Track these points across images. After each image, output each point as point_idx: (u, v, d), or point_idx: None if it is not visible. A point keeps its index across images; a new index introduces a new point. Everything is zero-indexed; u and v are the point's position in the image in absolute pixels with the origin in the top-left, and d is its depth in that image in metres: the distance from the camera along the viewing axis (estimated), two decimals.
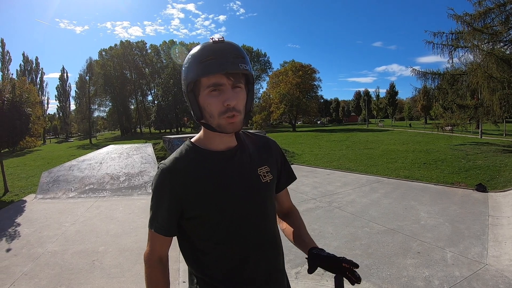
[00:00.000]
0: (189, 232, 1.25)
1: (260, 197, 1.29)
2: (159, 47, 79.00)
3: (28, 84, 12.64)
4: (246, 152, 1.32)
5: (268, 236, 1.32)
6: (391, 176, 10.14)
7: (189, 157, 1.24)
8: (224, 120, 1.13)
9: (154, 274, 1.26)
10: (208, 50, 1.10)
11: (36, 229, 6.17)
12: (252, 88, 1.24)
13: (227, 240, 1.22)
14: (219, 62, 1.07)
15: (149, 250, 1.27)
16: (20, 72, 62.14)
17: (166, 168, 1.21)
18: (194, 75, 1.11)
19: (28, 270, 4.41)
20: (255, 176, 1.29)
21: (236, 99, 1.12)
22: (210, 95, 1.12)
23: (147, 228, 1.29)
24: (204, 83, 1.11)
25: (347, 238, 5.22)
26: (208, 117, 1.16)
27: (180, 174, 1.20)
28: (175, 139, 12.49)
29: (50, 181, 9.40)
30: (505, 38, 15.82)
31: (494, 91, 14.97)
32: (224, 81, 1.10)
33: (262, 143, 1.42)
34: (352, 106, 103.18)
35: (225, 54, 1.09)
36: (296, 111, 55.92)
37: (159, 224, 1.22)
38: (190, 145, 1.28)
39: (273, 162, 1.40)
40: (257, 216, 1.27)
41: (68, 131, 74.54)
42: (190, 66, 1.12)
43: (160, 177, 1.21)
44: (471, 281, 3.68)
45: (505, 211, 6.21)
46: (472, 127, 26.65)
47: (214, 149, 1.26)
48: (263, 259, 1.29)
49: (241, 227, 1.23)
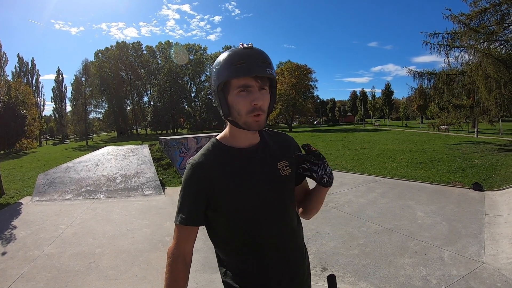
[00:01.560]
0: (216, 222, 1.37)
1: (280, 189, 1.39)
2: (155, 48, 78.91)
3: (23, 85, 12.60)
4: (267, 148, 1.44)
5: (289, 226, 1.42)
6: (388, 176, 10.15)
7: (215, 153, 1.37)
8: (250, 118, 1.25)
9: (175, 267, 1.31)
10: (239, 55, 1.21)
11: (33, 231, 6.14)
12: (274, 91, 1.37)
13: (250, 229, 1.33)
14: (249, 66, 1.19)
15: (174, 245, 1.34)
16: (15, 73, 61.88)
17: (194, 163, 1.33)
18: (225, 76, 1.22)
19: (25, 273, 4.38)
20: (275, 170, 1.40)
21: (262, 99, 1.25)
22: (239, 95, 1.24)
23: (143, 229, 1.36)
24: (234, 84, 1.24)
25: (344, 238, 5.22)
26: (236, 115, 1.28)
27: (207, 168, 1.32)
28: (171, 140, 12.43)
29: (46, 183, 9.36)
30: (501, 37, 15.92)
31: (491, 91, 15.05)
32: (252, 83, 1.22)
33: (281, 139, 1.54)
34: (348, 106, 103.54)
35: (254, 59, 1.21)
36: (292, 112, 55.99)
37: (185, 216, 1.31)
38: (216, 142, 1.41)
39: (292, 157, 1.49)
40: (277, 206, 1.37)
41: (64, 133, 74.31)
42: (222, 68, 1.23)
43: (189, 171, 1.33)
44: (468, 280, 3.69)
45: (501, 209, 6.22)
46: (468, 127, 26.79)
47: (238, 146, 1.38)
48: (282, 250, 1.38)
49: (262, 217, 1.34)
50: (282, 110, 54.50)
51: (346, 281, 3.84)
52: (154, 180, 9.54)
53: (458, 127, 19.47)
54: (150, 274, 4.25)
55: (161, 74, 69.65)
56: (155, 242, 5.32)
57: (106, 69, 69.56)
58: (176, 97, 68.40)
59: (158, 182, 9.44)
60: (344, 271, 4.08)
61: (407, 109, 79.06)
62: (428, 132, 26.26)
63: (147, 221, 6.45)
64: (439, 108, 22.36)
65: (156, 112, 67.30)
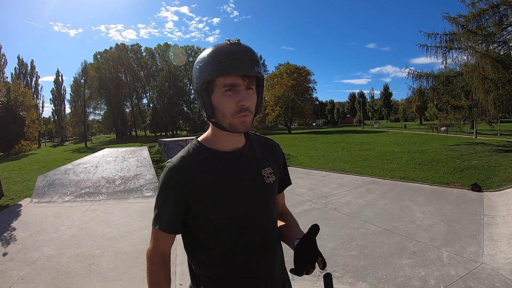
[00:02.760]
0: (195, 229, 1.28)
1: (265, 197, 1.32)
2: (154, 50, 78.86)
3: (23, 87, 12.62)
4: (252, 153, 1.35)
5: (270, 236, 1.35)
6: (387, 177, 10.17)
7: (196, 156, 1.27)
8: (236, 120, 1.16)
9: (156, 270, 1.27)
10: (225, 51, 1.12)
11: (32, 233, 6.14)
12: (261, 91, 1.28)
13: (232, 238, 1.25)
14: (237, 64, 1.10)
15: (152, 247, 1.28)
16: (14, 75, 61.94)
17: (173, 166, 1.23)
18: (210, 74, 1.13)
19: (25, 275, 4.38)
20: (259, 177, 1.32)
21: (250, 99, 1.16)
22: (225, 94, 1.14)
23: (143, 231, 1.34)
24: (219, 83, 1.14)
25: (343, 239, 5.23)
26: (220, 116, 1.19)
27: (187, 172, 1.22)
28: (170, 142, 12.48)
29: (45, 185, 9.36)
30: (499, 39, 15.97)
31: (489, 92, 15.09)
32: (239, 82, 1.13)
33: (267, 145, 1.46)
34: (347, 108, 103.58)
35: (242, 56, 1.12)
36: (291, 113, 55.93)
37: (164, 222, 1.24)
38: (197, 144, 1.31)
39: (276, 164, 1.43)
40: (262, 215, 1.31)
41: (63, 135, 74.30)
42: (206, 65, 1.14)
43: (167, 175, 1.23)
44: (467, 280, 3.70)
45: (500, 210, 6.24)
46: (466, 128, 26.81)
47: (221, 149, 1.28)
48: (264, 259, 1.31)
49: (245, 225, 1.26)
50: (281, 112, 54.45)
51: (345, 281, 3.85)
52: (153, 182, 9.55)
53: (457, 128, 19.49)
54: None
55: (160, 76, 69.54)
56: None
57: (105, 71, 69.44)
58: (175, 99, 68.33)
59: (157, 184, 9.40)
60: (343, 272, 4.09)
61: (406, 110, 79.11)
62: (427, 133, 26.32)
63: (146, 222, 6.43)
64: (438, 109, 22.39)
65: (155, 114, 67.26)
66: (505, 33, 15.82)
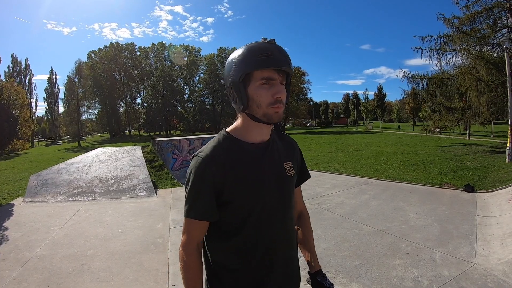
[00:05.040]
0: (220, 217, 1.32)
1: (287, 189, 1.41)
2: (148, 50, 78.58)
3: (16, 86, 12.52)
4: (276, 147, 1.43)
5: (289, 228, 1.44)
6: (380, 178, 10.20)
7: (226, 146, 1.33)
8: (271, 110, 1.25)
9: (192, 261, 1.31)
10: (264, 48, 1.22)
11: (24, 233, 6.09)
12: (289, 88, 1.36)
13: (254, 227, 1.31)
14: (276, 59, 1.21)
15: (187, 239, 1.32)
16: (8, 73, 61.53)
17: (206, 156, 1.28)
18: (250, 67, 1.22)
19: (17, 275, 4.34)
20: (282, 170, 1.40)
21: (284, 93, 1.26)
22: (262, 87, 1.24)
23: (136, 231, 1.34)
24: (256, 76, 1.23)
25: (336, 239, 5.23)
26: (255, 107, 1.27)
27: (219, 162, 1.27)
28: (164, 141, 12.41)
29: (38, 184, 9.29)
30: (493, 41, 16.09)
31: (482, 94, 15.20)
32: (275, 76, 1.24)
33: (287, 141, 1.56)
34: (341, 109, 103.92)
35: (279, 53, 1.23)
36: (285, 114, 55.99)
37: (200, 210, 1.28)
38: (226, 135, 1.37)
39: (295, 159, 1.53)
40: (283, 207, 1.38)
41: (56, 134, 73.97)
42: (245, 59, 1.23)
43: (201, 164, 1.27)
44: (460, 280, 3.72)
45: (493, 211, 6.28)
46: (460, 129, 26.96)
47: (250, 140, 1.35)
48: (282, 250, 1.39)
49: (268, 216, 1.33)
50: None
51: (338, 282, 3.85)
52: (146, 182, 9.51)
53: (450, 130, 19.59)
54: (142, 276, 4.23)
55: (154, 76, 69.35)
56: (147, 244, 5.29)
57: (100, 70, 69.07)
58: (170, 99, 68.16)
59: (150, 184, 9.41)
60: (336, 272, 4.09)
61: (400, 111, 79.49)
62: (420, 134, 26.39)
63: (139, 223, 6.43)
64: (432, 111, 22.48)
65: (149, 113, 67.08)
66: (499, 36, 15.96)
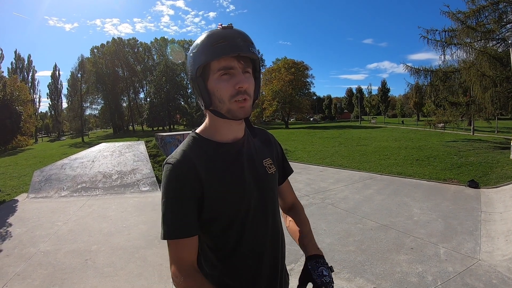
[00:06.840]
0: (202, 225, 1.17)
1: (269, 188, 1.29)
2: (150, 45, 78.49)
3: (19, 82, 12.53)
4: (252, 144, 1.31)
5: (275, 228, 1.31)
6: (384, 173, 10.18)
7: (197, 149, 1.19)
8: (235, 105, 1.12)
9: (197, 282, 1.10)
10: (218, 35, 1.09)
11: (28, 228, 6.11)
12: (259, 76, 1.23)
13: (239, 231, 1.19)
14: (230, 45, 1.07)
15: (178, 262, 1.11)
16: (11, 70, 61.58)
17: (176, 161, 1.13)
18: (204, 58, 1.09)
19: (21, 271, 4.36)
20: (262, 168, 1.29)
21: (247, 82, 1.12)
22: (221, 79, 1.11)
23: (140, 226, 1.28)
24: (214, 67, 1.10)
25: (340, 234, 5.23)
26: (218, 103, 1.14)
27: (192, 166, 1.13)
28: (167, 136, 12.44)
29: (42, 180, 9.31)
30: (498, 36, 15.96)
31: (486, 89, 15.11)
32: (235, 64, 1.10)
33: (263, 136, 1.43)
34: (345, 103, 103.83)
35: (235, 38, 1.09)
36: (289, 108, 55.98)
37: (185, 225, 1.10)
38: (196, 136, 1.24)
39: (274, 155, 1.41)
40: (267, 207, 1.27)
41: (60, 130, 73.92)
42: (200, 51, 1.10)
43: (172, 172, 1.12)
44: (464, 276, 3.70)
45: (497, 207, 6.25)
46: (464, 124, 26.90)
47: (221, 140, 1.23)
48: (269, 253, 1.27)
49: (253, 219, 1.21)
50: (279, 107, 54.47)
51: (342, 277, 3.85)
52: (150, 177, 9.51)
53: (454, 125, 19.53)
54: (146, 271, 4.24)
55: (157, 71, 69.19)
56: (151, 239, 5.31)
57: (102, 65, 69.03)
58: (173, 94, 67.98)
59: (154, 179, 9.41)
60: (340, 268, 4.08)
61: (403, 106, 79.29)
62: (424, 129, 26.29)
63: (143, 217, 6.44)
64: (435, 106, 22.39)
65: (152, 108, 66.95)
66: (504, 30, 15.81)
